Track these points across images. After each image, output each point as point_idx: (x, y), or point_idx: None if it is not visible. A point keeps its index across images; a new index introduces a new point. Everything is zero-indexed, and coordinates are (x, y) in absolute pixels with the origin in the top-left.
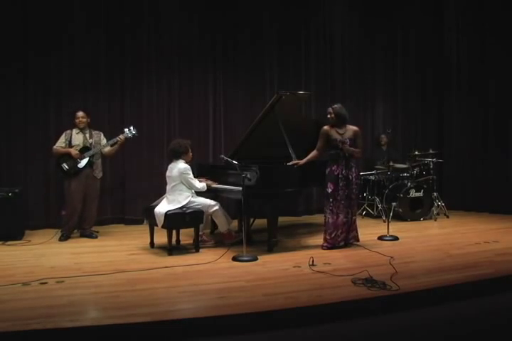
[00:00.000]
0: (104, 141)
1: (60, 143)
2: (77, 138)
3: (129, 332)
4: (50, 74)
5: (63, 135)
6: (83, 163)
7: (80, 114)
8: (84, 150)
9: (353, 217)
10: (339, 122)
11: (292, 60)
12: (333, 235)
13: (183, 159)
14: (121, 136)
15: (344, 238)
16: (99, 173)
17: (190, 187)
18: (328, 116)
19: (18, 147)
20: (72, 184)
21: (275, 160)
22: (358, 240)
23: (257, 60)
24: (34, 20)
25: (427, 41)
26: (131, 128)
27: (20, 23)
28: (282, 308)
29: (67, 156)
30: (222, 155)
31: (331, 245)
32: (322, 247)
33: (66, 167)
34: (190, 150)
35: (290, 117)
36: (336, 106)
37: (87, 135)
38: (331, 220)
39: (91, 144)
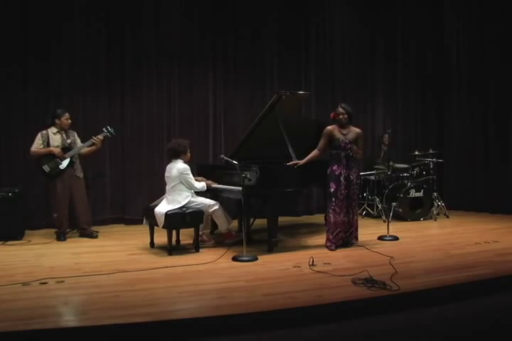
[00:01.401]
0: (78, 140)
1: (38, 145)
2: (55, 138)
3: (129, 332)
4: (50, 74)
5: (39, 136)
6: (65, 163)
7: (68, 114)
8: (64, 150)
9: (355, 217)
10: (349, 122)
11: (292, 60)
12: (334, 234)
13: (182, 159)
14: (99, 136)
15: (342, 237)
16: (80, 173)
17: (190, 187)
18: (341, 116)
19: (18, 147)
20: (57, 186)
21: (275, 160)
22: (356, 239)
23: (257, 60)
24: (34, 20)
25: (427, 41)
26: (109, 127)
27: (20, 22)
28: (282, 308)
29: (47, 157)
30: (222, 155)
31: (334, 244)
32: (328, 247)
33: (47, 168)
34: (188, 150)
35: (290, 117)
36: (344, 106)
37: (64, 135)
38: (333, 219)
39: (70, 144)
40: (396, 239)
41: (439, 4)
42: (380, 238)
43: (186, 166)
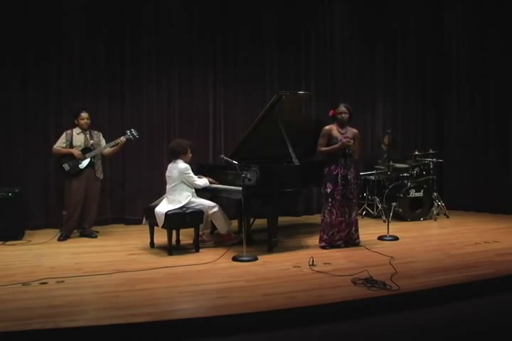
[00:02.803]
0: (103, 141)
1: (61, 143)
2: (79, 138)
3: (129, 332)
4: (50, 74)
5: (64, 135)
6: (84, 163)
7: (85, 114)
8: (85, 150)
9: (355, 217)
10: (349, 122)
11: (292, 60)
12: (329, 234)
13: (182, 159)
14: (123, 138)
15: (341, 237)
16: (100, 174)
17: (193, 185)
18: (343, 115)
19: (18, 147)
20: (73, 184)
21: (275, 160)
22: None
23: (257, 60)
24: (34, 21)
25: (427, 41)
26: (133, 130)
27: (20, 23)
28: (282, 308)
29: (68, 157)
30: (222, 155)
31: (328, 244)
32: (322, 248)
33: (67, 167)
34: (189, 151)
35: (290, 117)
36: (347, 105)
37: (88, 136)
38: (328, 220)
39: (92, 145)
40: (396, 239)
41: (439, 4)
42: (380, 238)
43: (187, 166)
